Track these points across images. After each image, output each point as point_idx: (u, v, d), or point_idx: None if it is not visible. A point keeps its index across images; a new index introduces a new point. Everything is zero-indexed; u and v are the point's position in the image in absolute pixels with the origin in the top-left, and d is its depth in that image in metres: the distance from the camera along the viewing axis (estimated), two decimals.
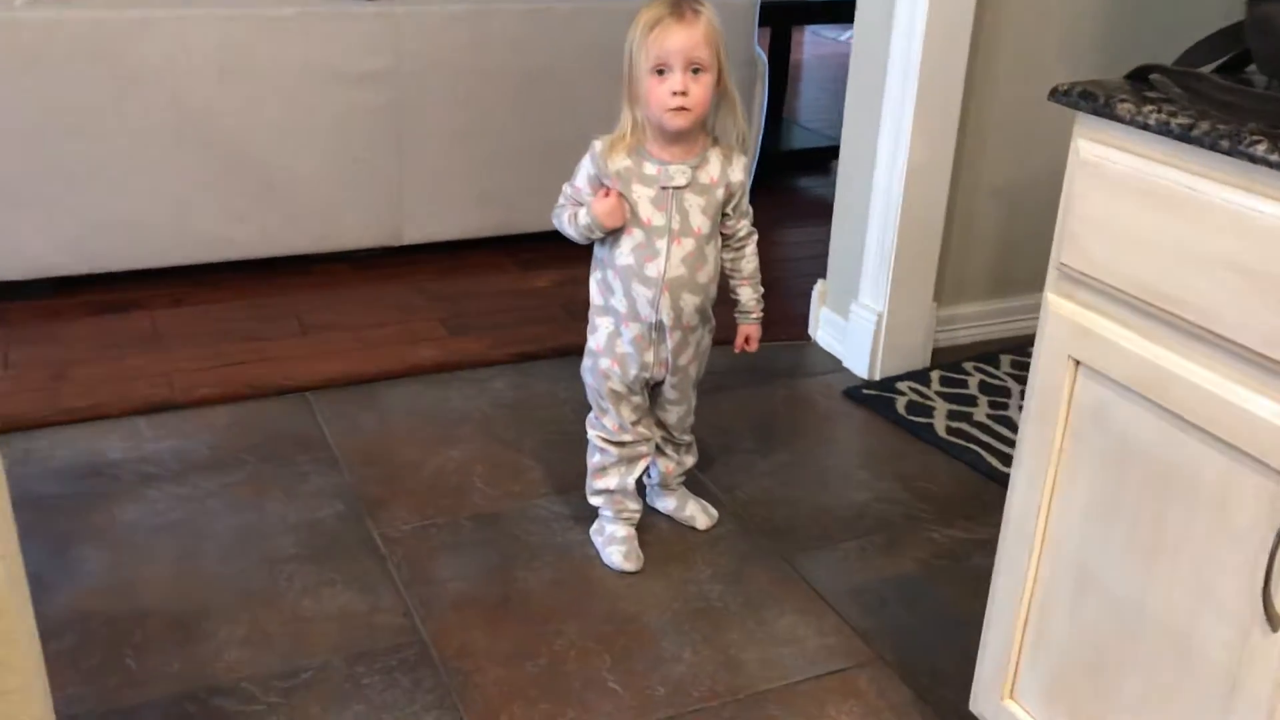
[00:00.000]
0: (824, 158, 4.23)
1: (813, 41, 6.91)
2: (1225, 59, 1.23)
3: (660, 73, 1.70)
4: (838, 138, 2.75)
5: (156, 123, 2.79)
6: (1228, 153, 1.04)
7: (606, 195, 1.76)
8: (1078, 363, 1.25)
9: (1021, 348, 2.79)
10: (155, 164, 2.82)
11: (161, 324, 2.77)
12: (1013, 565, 1.39)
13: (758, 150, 3.66)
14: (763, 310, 1.96)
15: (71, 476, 2.15)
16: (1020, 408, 2.50)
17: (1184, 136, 1.08)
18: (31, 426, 2.30)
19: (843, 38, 6.72)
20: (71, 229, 2.80)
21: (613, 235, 1.80)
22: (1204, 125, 1.06)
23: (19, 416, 2.32)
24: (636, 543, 1.98)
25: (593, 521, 2.03)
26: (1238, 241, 1.05)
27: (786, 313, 2.95)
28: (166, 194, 2.86)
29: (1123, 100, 1.15)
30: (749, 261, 1.92)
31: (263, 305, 2.90)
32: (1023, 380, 2.63)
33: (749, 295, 1.94)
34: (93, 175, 2.77)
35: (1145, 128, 1.12)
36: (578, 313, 1.92)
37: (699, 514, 2.08)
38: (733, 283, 1.94)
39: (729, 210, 1.85)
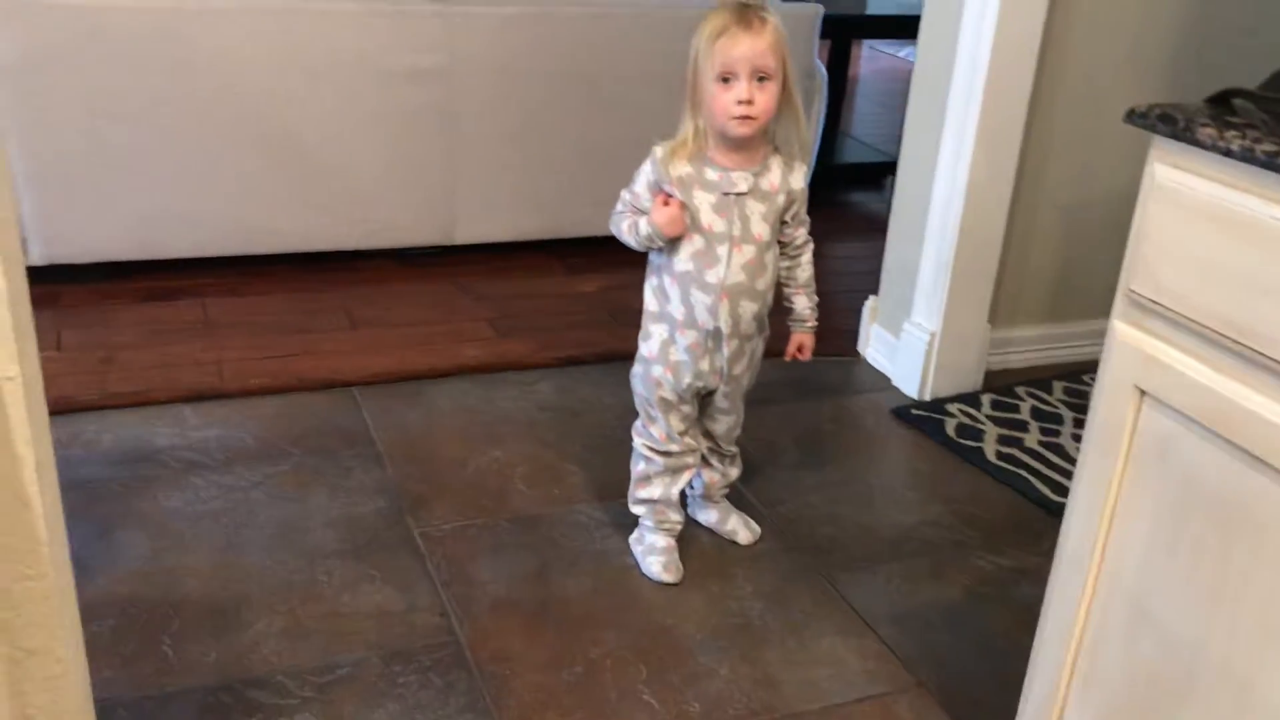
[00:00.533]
0: (878, 173, 4.19)
1: (870, 56, 6.87)
2: None
3: (725, 80, 1.68)
4: (892, 153, 2.72)
5: (214, 112, 2.81)
6: None
7: (667, 204, 1.74)
8: (1143, 393, 1.22)
9: (1076, 374, 2.74)
10: (212, 154, 2.84)
11: (212, 313, 2.79)
12: (1065, 597, 1.35)
13: (813, 164, 3.63)
14: (817, 319, 1.93)
15: (117, 461, 2.16)
16: (1073, 435, 2.48)
17: (1268, 164, 1.04)
18: (80, 409, 2.32)
19: (902, 53, 6.67)
20: (127, 215, 2.82)
21: (671, 241, 1.78)
22: None
23: (69, 399, 2.34)
24: (677, 554, 1.96)
25: (633, 530, 2.01)
26: None
27: (836, 328, 2.91)
28: (222, 184, 2.88)
29: (1204, 125, 1.11)
30: (805, 270, 1.90)
31: (313, 299, 2.91)
32: (1076, 408, 2.59)
33: (804, 304, 1.92)
34: (149, 162, 2.80)
35: (1227, 154, 1.08)
36: (624, 318, 1.91)
37: (741, 528, 2.06)
38: (788, 291, 1.91)
39: (788, 218, 1.83)
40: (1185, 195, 1.14)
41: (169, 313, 2.77)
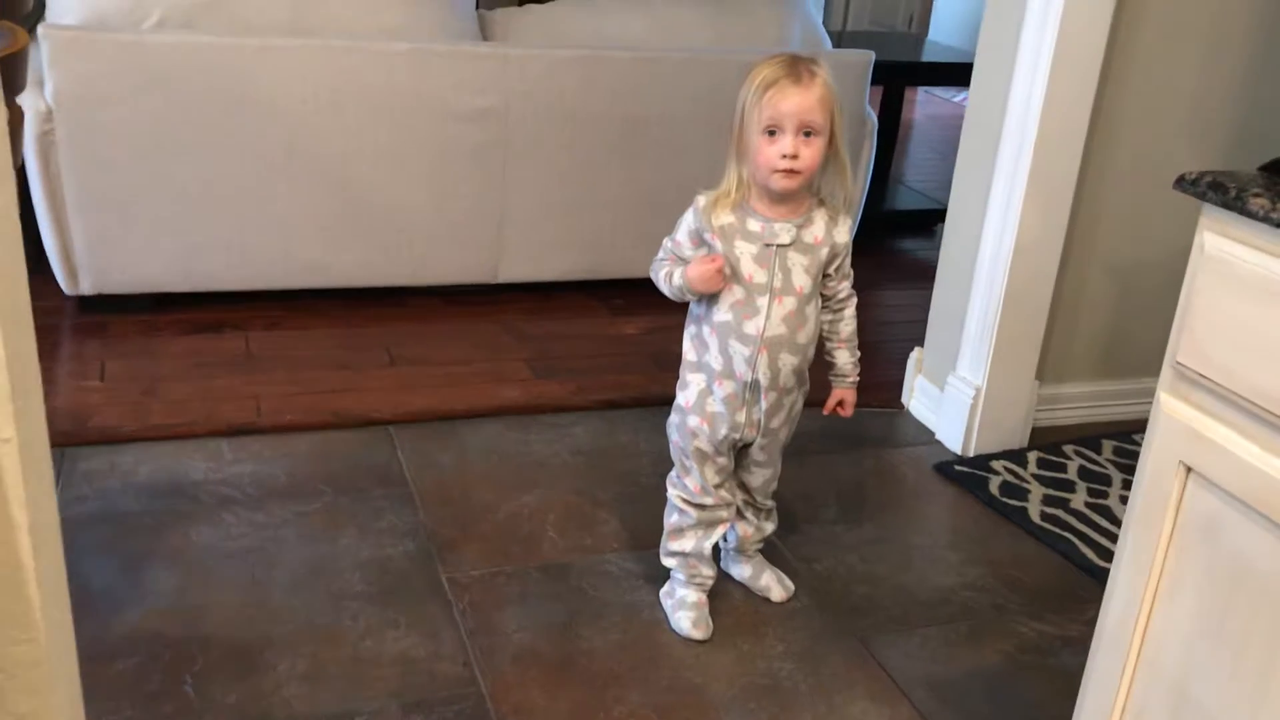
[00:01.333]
0: (929, 220, 4.15)
1: (925, 101, 6.83)
2: None
3: (771, 133, 1.66)
4: (944, 200, 2.68)
5: (266, 148, 2.84)
6: None
7: (710, 261, 1.72)
8: (1189, 469, 1.17)
9: (1126, 434, 2.67)
10: (262, 188, 2.87)
11: (254, 346, 2.80)
12: (1104, 679, 1.30)
13: (861, 210, 3.59)
14: (859, 375, 1.90)
15: (152, 494, 2.17)
16: (1121, 497, 2.41)
17: None
18: (120, 440, 2.33)
19: (957, 99, 6.63)
20: (176, 247, 2.86)
21: (703, 295, 1.76)
22: None
23: (110, 429, 2.36)
24: (707, 610, 1.92)
25: (664, 582, 1.97)
26: None
27: (880, 379, 2.87)
28: (270, 218, 2.90)
29: (1256, 195, 1.07)
30: (848, 324, 1.87)
31: (354, 334, 2.92)
32: (1125, 469, 2.52)
33: (845, 359, 1.88)
34: (201, 196, 2.83)
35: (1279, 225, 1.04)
36: (665, 363, 1.88)
37: (774, 585, 2.01)
38: (829, 345, 1.88)
39: (831, 271, 1.80)
40: (1236, 267, 1.10)
41: (212, 345, 2.79)
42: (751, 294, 1.74)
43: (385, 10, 2.97)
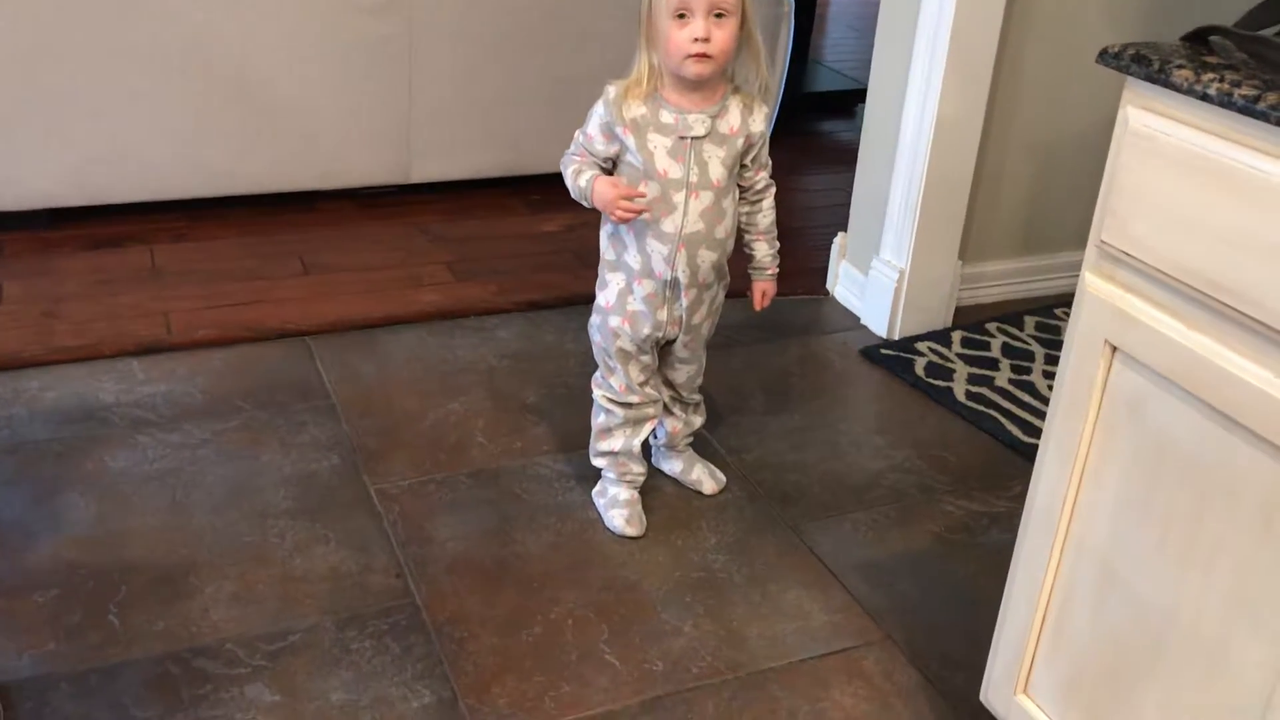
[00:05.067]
0: (850, 101, 4.10)
1: None
2: None
3: (681, 16, 1.60)
4: (864, 80, 2.62)
5: (158, 50, 2.69)
6: None
7: (623, 196, 1.65)
8: (1114, 349, 1.16)
9: (1048, 309, 2.70)
10: (156, 93, 2.72)
11: (160, 260, 2.70)
12: (1033, 557, 1.31)
13: (781, 94, 3.53)
14: (779, 266, 1.87)
15: (62, 420, 2.09)
16: (1045, 373, 2.44)
17: (1248, 110, 0.98)
18: (22, 365, 2.24)
19: None
20: (69, 159, 2.71)
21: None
22: (1271, 98, 0.96)
23: (10, 354, 2.26)
24: (640, 507, 1.91)
25: (595, 482, 1.96)
26: None
27: (804, 266, 2.85)
28: (168, 125, 2.76)
29: (1179, 67, 1.04)
30: (766, 215, 1.83)
31: (265, 243, 2.82)
32: (1047, 344, 2.54)
33: (765, 251, 1.85)
34: (91, 104, 2.68)
35: (1204, 98, 1.02)
36: (589, 260, 1.84)
37: (706, 478, 2.01)
38: (748, 238, 1.85)
39: (747, 161, 1.76)
40: (1160, 142, 1.08)
41: (115, 261, 2.67)
42: (667, 190, 1.69)
43: None
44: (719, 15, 1.60)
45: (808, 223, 3.14)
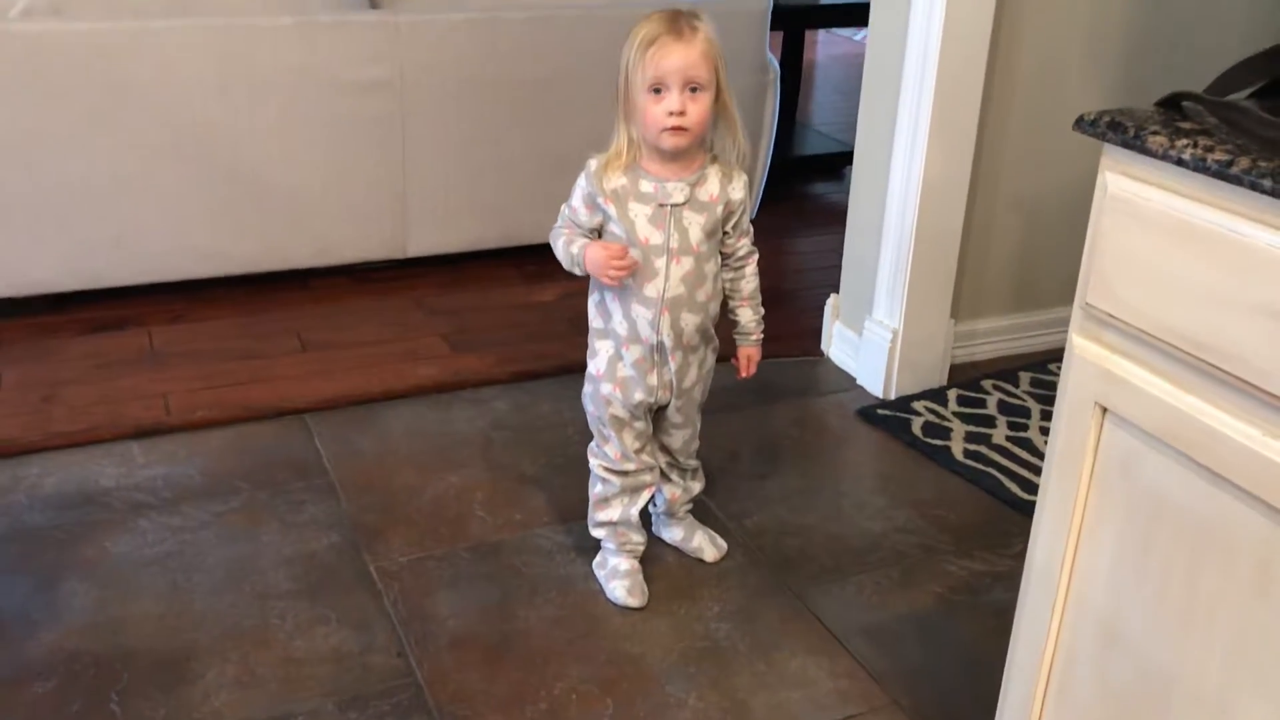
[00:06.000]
0: (838, 163, 4.15)
1: (827, 41, 6.82)
2: (1263, 84, 1.15)
3: (657, 91, 1.63)
4: (851, 142, 2.66)
5: (153, 135, 2.73)
6: (1270, 193, 0.96)
7: (616, 256, 1.68)
8: (1104, 409, 1.17)
9: (1042, 364, 2.71)
10: (152, 177, 2.76)
11: (158, 342, 2.71)
12: (1034, 618, 1.31)
13: (769, 158, 3.57)
14: (763, 331, 1.89)
15: (61, 505, 2.09)
16: (1041, 429, 2.44)
17: (1221, 174, 1.00)
18: (22, 452, 2.24)
19: (858, 37, 6.62)
20: (66, 244, 2.74)
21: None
22: (1243, 162, 0.98)
23: (10, 441, 2.26)
24: (641, 577, 1.91)
25: (596, 553, 1.95)
26: (1278, 287, 0.97)
27: (798, 327, 2.87)
28: (163, 208, 2.80)
29: (1154, 133, 1.07)
30: (749, 281, 1.86)
31: (262, 321, 2.84)
32: (1042, 399, 2.55)
33: (749, 316, 1.87)
34: (88, 189, 2.71)
35: (1179, 163, 1.04)
36: (584, 327, 1.86)
37: (707, 545, 2.01)
38: (732, 304, 1.87)
39: (729, 229, 1.79)
40: (1139, 206, 1.09)
41: (113, 344, 2.69)
42: (649, 256, 1.72)
43: None
44: (694, 89, 1.64)
45: (801, 284, 3.16)
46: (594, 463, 1.90)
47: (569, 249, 1.75)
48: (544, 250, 3.10)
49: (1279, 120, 1.01)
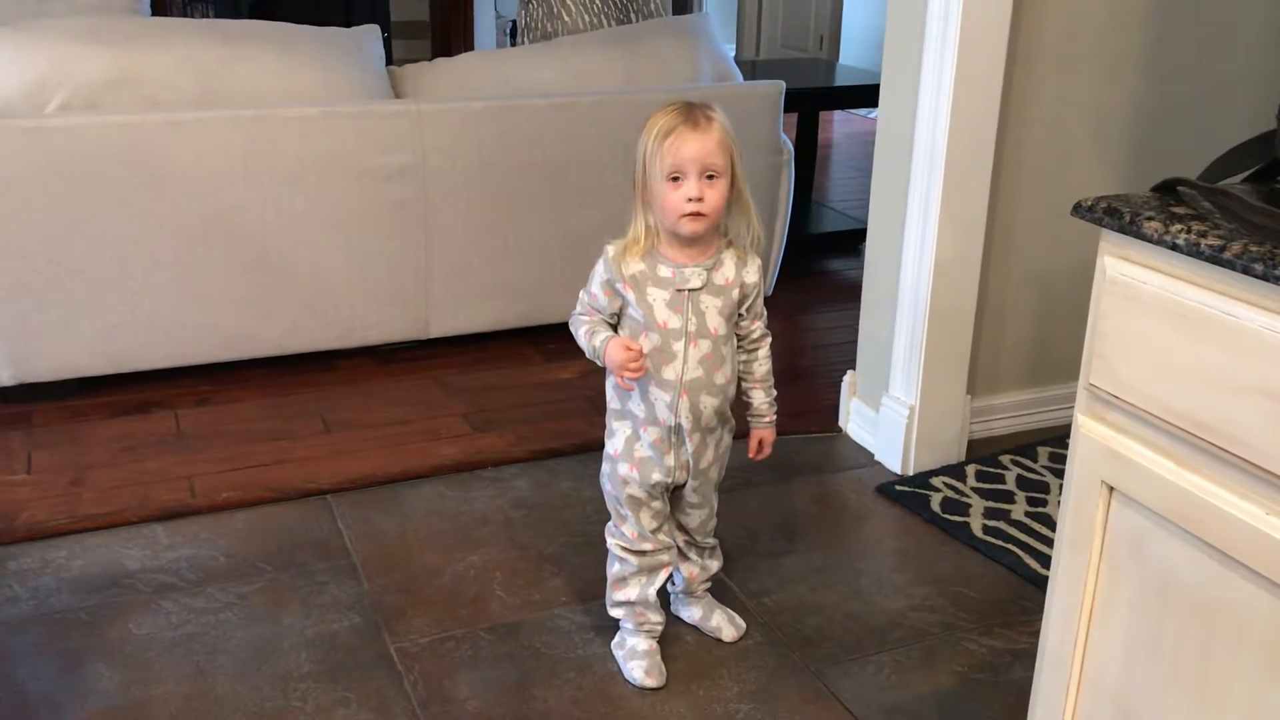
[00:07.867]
0: (853, 240, 4.19)
1: (843, 119, 6.93)
2: (1256, 169, 1.18)
3: (674, 179, 1.68)
4: (866, 219, 2.71)
5: (182, 223, 2.80)
6: (1262, 277, 0.98)
7: (635, 357, 1.72)
8: (1111, 489, 1.19)
9: (1060, 439, 2.71)
10: (180, 263, 2.83)
11: (184, 424, 2.76)
12: (1050, 699, 1.31)
13: (785, 238, 3.62)
14: (775, 413, 1.91)
15: (87, 588, 2.12)
16: (1060, 503, 2.44)
17: (1215, 258, 1.03)
18: (50, 535, 2.28)
19: (873, 115, 6.73)
20: (95, 329, 2.80)
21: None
22: (1235, 247, 1.01)
23: (38, 524, 2.30)
24: (659, 657, 1.91)
25: (615, 633, 1.96)
26: (1273, 368, 0.99)
27: (816, 403, 2.89)
28: (191, 293, 2.86)
29: (1149, 218, 1.10)
30: (762, 364, 1.89)
31: (286, 403, 2.88)
32: (1061, 474, 2.55)
33: (761, 399, 1.90)
34: (118, 276, 2.78)
35: (1174, 248, 1.07)
36: (603, 405, 1.88)
37: (725, 625, 2.01)
38: (745, 385, 1.89)
39: (743, 311, 1.82)
40: (1137, 289, 1.12)
41: (141, 427, 2.74)
42: (667, 340, 1.75)
43: (294, 74, 2.96)
44: (710, 176, 1.68)
45: (818, 360, 3.19)
46: (611, 542, 1.91)
47: (591, 340, 1.79)
48: (563, 329, 3.15)
49: (1270, 207, 1.04)
